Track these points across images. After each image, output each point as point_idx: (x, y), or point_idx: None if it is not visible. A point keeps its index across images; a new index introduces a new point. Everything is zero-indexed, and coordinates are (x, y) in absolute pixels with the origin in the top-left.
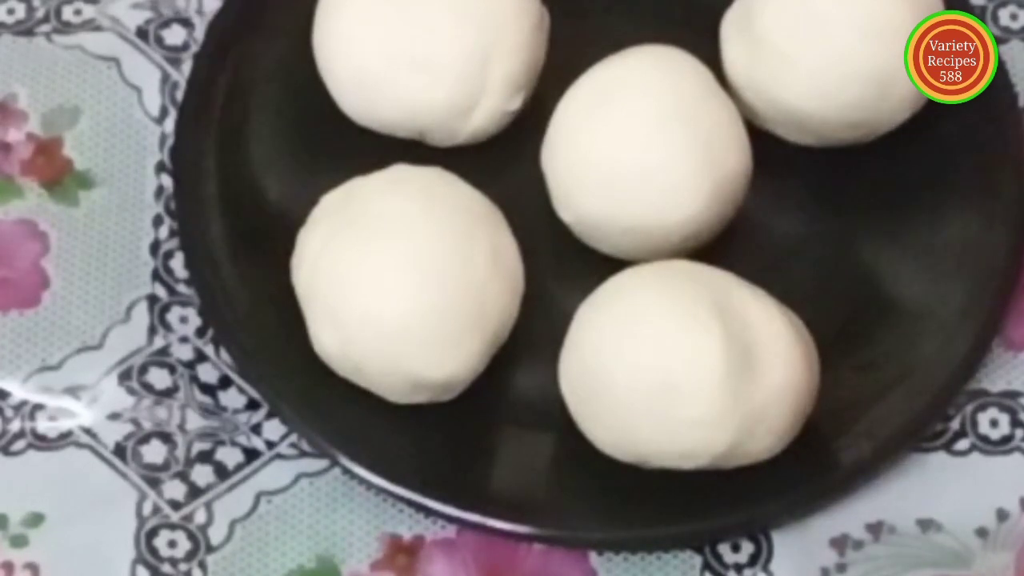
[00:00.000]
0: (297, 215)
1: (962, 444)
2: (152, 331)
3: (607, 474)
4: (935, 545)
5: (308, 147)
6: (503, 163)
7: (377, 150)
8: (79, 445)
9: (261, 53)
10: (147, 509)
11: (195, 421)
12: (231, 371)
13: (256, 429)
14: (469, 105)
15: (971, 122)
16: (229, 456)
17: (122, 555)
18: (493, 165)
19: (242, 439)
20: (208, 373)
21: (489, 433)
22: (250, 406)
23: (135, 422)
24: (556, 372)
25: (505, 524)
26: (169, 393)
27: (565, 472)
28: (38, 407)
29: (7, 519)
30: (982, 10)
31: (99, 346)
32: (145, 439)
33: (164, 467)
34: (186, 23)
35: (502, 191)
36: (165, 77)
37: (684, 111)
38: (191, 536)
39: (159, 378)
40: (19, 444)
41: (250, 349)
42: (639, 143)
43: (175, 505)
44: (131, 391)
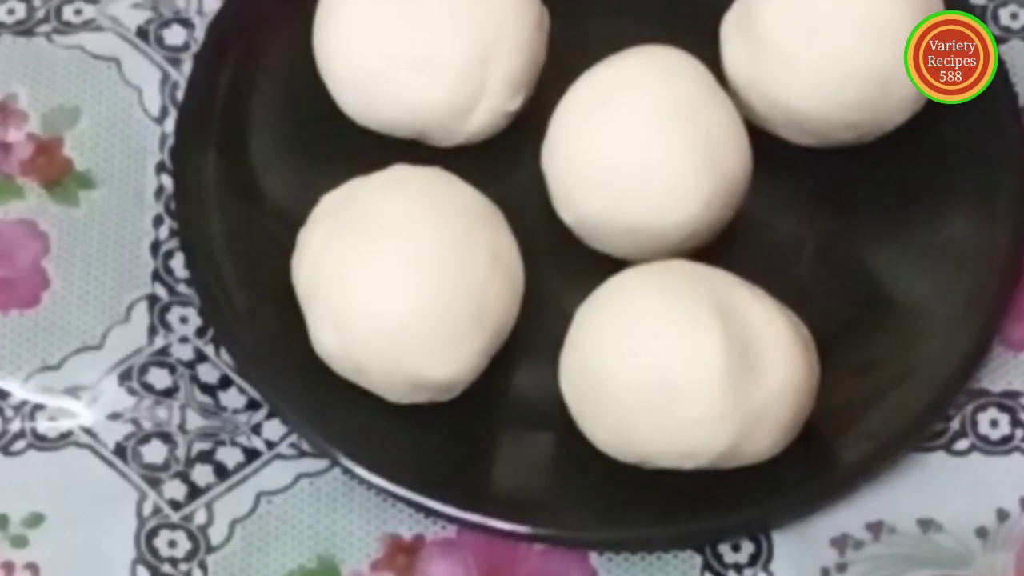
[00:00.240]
0: (297, 215)
1: (962, 444)
2: (152, 331)
3: (607, 474)
4: (935, 545)
5: (308, 147)
6: (503, 163)
7: (377, 150)
8: (79, 445)
9: (261, 53)
10: (147, 509)
11: (195, 421)
12: (231, 371)
13: (256, 429)
14: (469, 105)
15: (971, 122)
16: (229, 456)
17: (122, 555)
18: (493, 165)
19: (242, 439)
20: (208, 373)
21: (489, 433)
22: (250, 406)
23: (135, 422)
24: (556, 372)
25: (505, 524)
26: (169, 393)
27: (565, 472)
28: (38, 407)
29: (7, 519)
30: (982, 10)
31: (99, 346)
32: (145, 439)
33: (164, 467)
34: (186, 23)
35: (502, 191)
36: (165, 77)
37: (684, 111)
38: (191, 536)
39: (159, 378)
40: (19, 444)
41: (250, 349)
42: (639, 143)
43: (175, 505)
44: (131, 391)
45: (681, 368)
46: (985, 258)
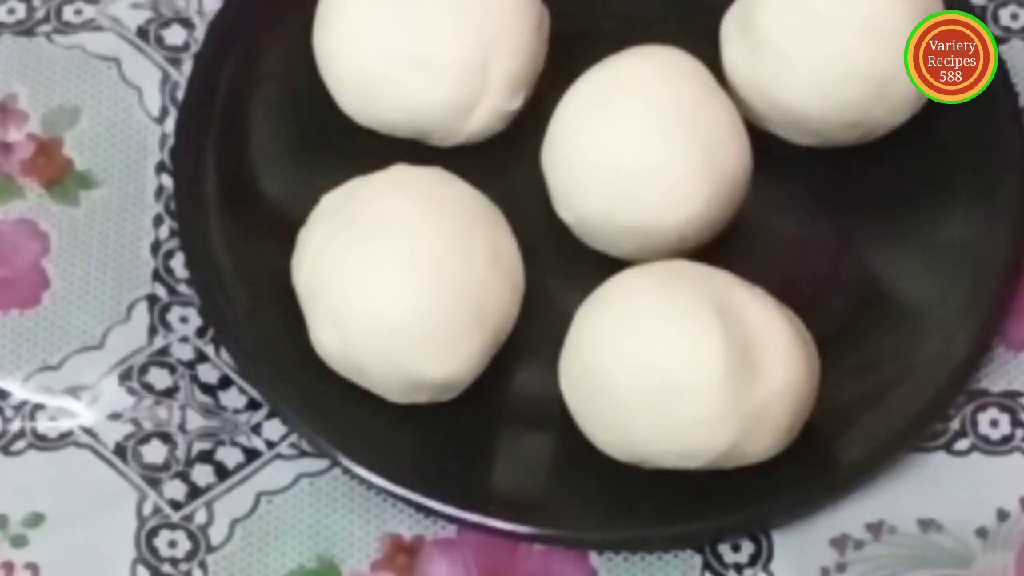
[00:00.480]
0: (297, 215)
1: (962, 444)
2: (152, 331)
3: (607, 474)
4: (935, 545)
5: (308, 147)
6: (503, 163)
7: (377, 150)
8: (79, 445)
9: (261, 53)
10: (147, 509)
11: (195, 421)
12: (231, 371)
13: (256, 429)
14: (469, 105)
15: (971, 122)
16: (229, 456)
17: (122, 555)
18: (493, 165)
19: (242, 439)
20: (208, 373)
21: (489, 433)
22: (250, 406)
23: (135, 422)
24: (556, 372)
25: (505, 524)
26: (169, 393)
27: (565, 472)
28: (38, 407)
29: (7, 519)
30: (982, 10)
31: (99, 346)
32: (145, 439)
33: (164, 467)
34: (186, 23)
35: (502, 191)
36: (165, 77)
37: (684, 111)
38: (191, 536)
39: (159, 378)
40: (19, 444)
41: (250, 349)
42: (639, 143)
43: (175, 505)
44: (131, 391)
45: (681, 368)
46: (985, 258)
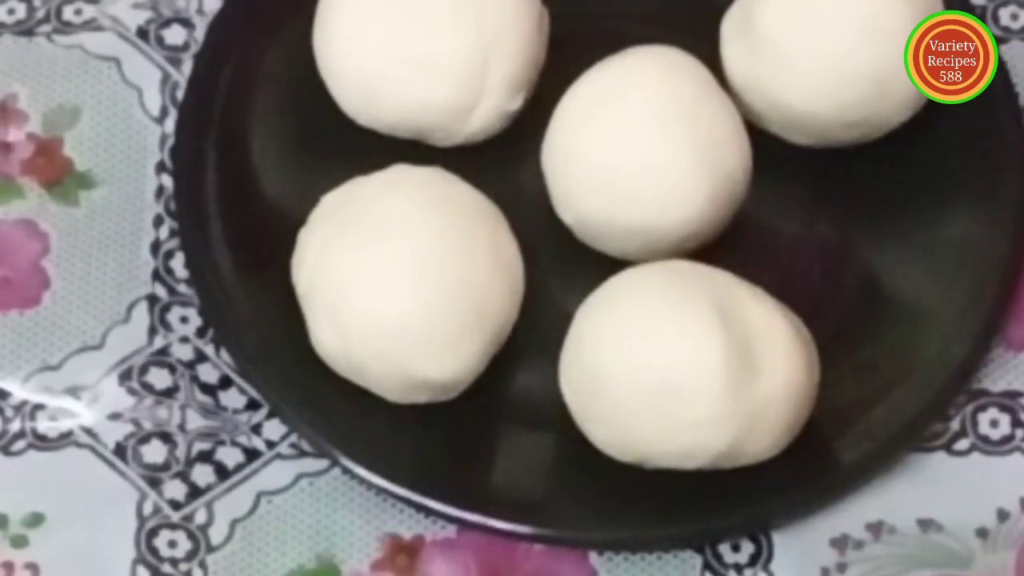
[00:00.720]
0: (297, 215)
1: (962, 444)
2: (152, 331)
3: (607, 474)
4: (935, 545)
5: (308, 147)
6: (503, 163)
7: (377, 150)
8: (79, 445)
9: (261, 53)
10: (147, 509)
11: (195, 421)
12: (231, 371)
13: (256, 429)
14: (469, 105)
15: (971, 122)
16: (229, 456)
17: (122, 555)
18: (493, 165)
19: (242, 439)
20: (208, 373)
21: (489, 433)
22: (250, 406)
23: (135, 422)
24: (556, 372)
25: (505, 524)
26: (169, 393)
27: (565, 472)
28: (38, 407)
29: (7, 519)
30: (982, 10)
31: (99, 346)
32: (145, 439)
33: (164, 467)
34: (186, 23)
35: (502, 191)
36: (165, 77)
37: (684, 111)
38: (191, 536)
39: (159, 378)
40: (19, 444)
41: (250, 349)
42: (639, 143)
43: (175, 505)
44: (131, 391)
45: (681, 368)
46: (985, 258)
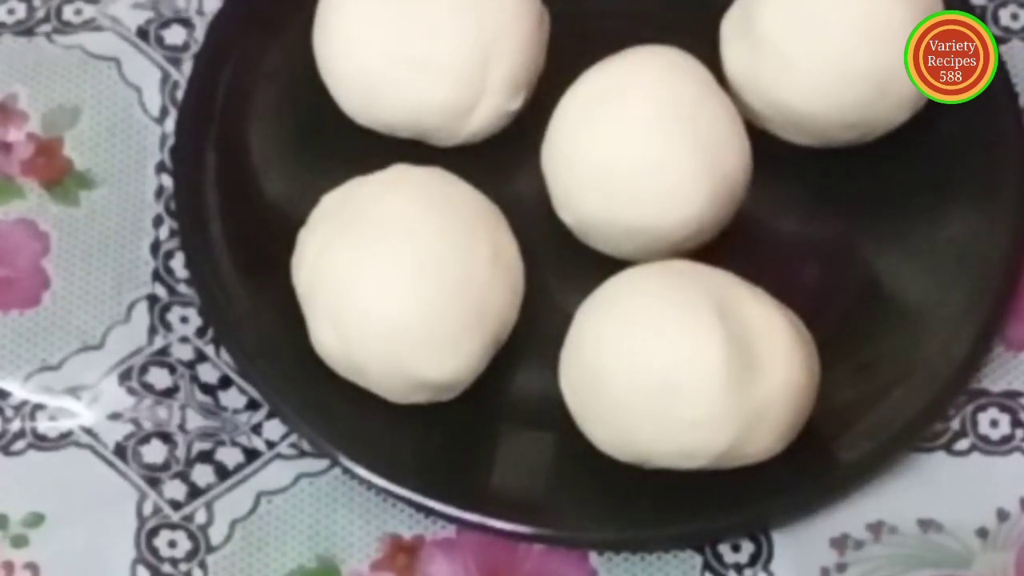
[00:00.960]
0: (297, 215)
1: (962, 444)
2: (152, 331)
3: (607, 474)
4: (935, 545)
5: (308, 147)
6: (503, 163)
7: (377, 150)
8: (79, 445)
9: (261, 53)
10: (147, 509)
11: (195, 421)
12: (231, 371)
13: (256, 429)
14: (469, 105)
15: (971, 122)
16: (229, 456)
17: (122, 555)
18: (493, 165)
19: (242, 439)
20: (208, 373)
21: (489, 433)
22: (250, 406)
23: (135, 422)
24: (556, 372)
25: (505, 524)
26: (169, 393)
27: (565, 472)
28: (38, 407)
29: (7, 519)
30: (982, 10)
31: (99, 346)
32: (145, 439)
33: (164, 467)
34: (186, 23)
35: (502, 191)
36: (165, 77)
37: (684, 111)
38: (191, 536)
39: (159, 378)
40: (19, 444)
41: (250, 349)
42: (639, 143)
43: (175, 505)
44: (131, 391)
45: (681, 368)
46: (985, 258)
